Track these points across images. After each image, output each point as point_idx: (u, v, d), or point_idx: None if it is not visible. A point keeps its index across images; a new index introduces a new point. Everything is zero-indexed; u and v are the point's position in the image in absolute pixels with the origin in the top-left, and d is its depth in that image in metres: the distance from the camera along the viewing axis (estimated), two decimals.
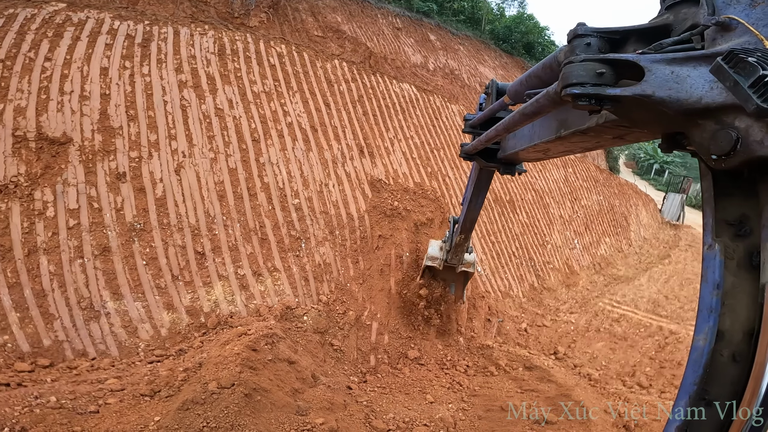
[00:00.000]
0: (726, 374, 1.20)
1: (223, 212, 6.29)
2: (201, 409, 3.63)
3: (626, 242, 16.50)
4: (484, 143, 3.20)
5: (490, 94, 3.32)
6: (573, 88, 1.32)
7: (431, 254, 6.34)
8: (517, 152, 2.87)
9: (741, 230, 1.25)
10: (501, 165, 3.59)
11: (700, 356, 1.21)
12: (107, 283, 5.24)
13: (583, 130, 1.75)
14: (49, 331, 4.89)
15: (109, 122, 5.97)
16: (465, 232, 5.38)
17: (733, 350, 1.20)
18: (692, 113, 1.20)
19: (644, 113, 1.32)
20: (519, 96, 2.27)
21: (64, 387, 3.97)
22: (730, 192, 1.27)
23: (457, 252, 5.99)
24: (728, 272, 1.23)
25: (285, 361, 4.79)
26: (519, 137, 2.81)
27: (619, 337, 9.04)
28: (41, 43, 6.14)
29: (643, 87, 1.24)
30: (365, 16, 14.83)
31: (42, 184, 5.31)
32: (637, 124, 1.45)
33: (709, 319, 1.22)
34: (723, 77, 1.03)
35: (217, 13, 11.34)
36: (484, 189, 4.43)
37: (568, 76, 1.35)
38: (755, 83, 0.94)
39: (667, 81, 1.22)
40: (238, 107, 7.24)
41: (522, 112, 1.86)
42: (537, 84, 1.98)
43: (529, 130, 2.52)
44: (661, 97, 1.21)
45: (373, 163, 8.45)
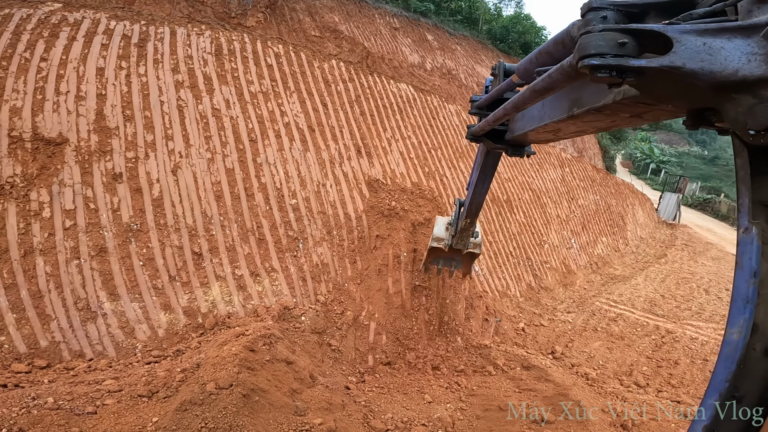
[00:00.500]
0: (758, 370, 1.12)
1: (220, 213, 6.27)
2: (199, 410, 3.62)
3: (623, 242, 16.57)
4: (491, 123, 3.03)
5: (497, 75, 3.20)
6: (592, 59, 1.21)
7: (437, 235, 6.17)
8: (526, 133, 2.74)
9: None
10: (509, 147, 3.44)
11: (734, 351, 1.13)
12: (104, 284, 5.22)
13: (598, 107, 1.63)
14: (46, 332, 4.87)
15: (106, 122, 5.94)
16: (471, 217, 5.24)
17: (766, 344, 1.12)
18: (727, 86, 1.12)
19: (671, 87, 1.22)
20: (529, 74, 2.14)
21: (61, 388, 3.96)
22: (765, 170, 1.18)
23: (463, 237, 5.84)
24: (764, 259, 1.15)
25: (283, 361, 4.79)
26: (528, 118, 2.68)
27: (616, 337, 9.08)
28: (37, 44, 6.11)
29: (671, 58, 1.15)
30: (362, 16, 14.85)
31: (38, 184, 5.29)
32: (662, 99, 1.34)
33: (744, 310, 1.14)
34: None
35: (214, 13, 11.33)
36: (490, 173, 4.29)
37: (586, 46, 1.24)
38: None
39: (698, 53, 1.13)
40: (235, 107, 7.23)
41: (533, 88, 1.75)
42: (548, 61, 1.86)
43: (539, 110, 2.38)
44: (693, 69, 1.13)
45: (371, 163, 8.45)
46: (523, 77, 2.30)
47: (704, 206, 34.10)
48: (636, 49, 1.22)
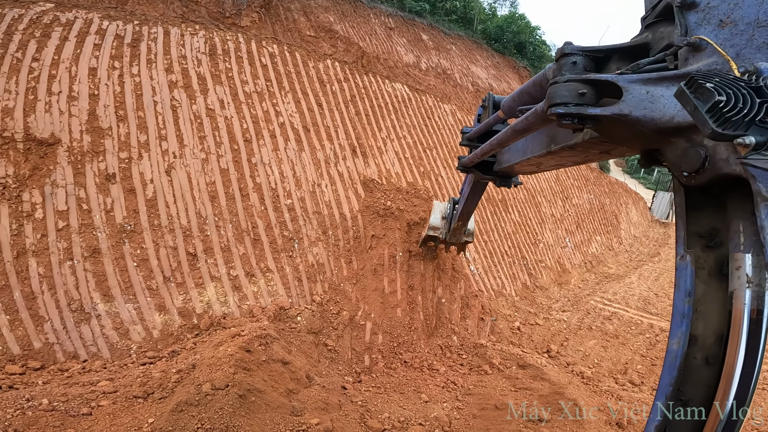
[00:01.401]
0: (700, 376, 1.27)
1: (215, 213, 6.24)
2: (195, 411, 3.60)
3: (617, 240, 16.67)
4: (480, 157, 3.29)
5: (486, 107, 3.40)
6: (557, 107, 1.38)
7: (433, 224, 6.49)
8: (512, 165, 2.97)
9: (711, 242, 1.32)
10: (497, 177, 3.70)
11: (675, 359, 1.28)
12: (97, 285, 5.18)
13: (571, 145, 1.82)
14: (40, 334, 4.83)
15: (98, 123, 5.89)
16: (462, 220, 5.65)
17: (705, 353, 1.27)
18: (665, 132, 1.25)
19: (623, 131, 1.37)
20: (512, 111, 2.37)
21: (56, 389, 3.94)
22: (701, 206, 1.34)
23: (456, 234, 6.25)
24: (700, 281, 1.31)
25: (279, 361, 4.78)
26: (513, 151, 2.90)
27: (610, 335, 9.13)
28: (29, 44, 6.06)
29: (620, 107, 1.29)
30: (358, 16, 14.82)
31: (30, 185, 5.23)
32: (617, 141, 1.50)
33: (681, 324, 1.30)
34: (684, 101, 1.07)
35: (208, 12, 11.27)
36: (479, 194, 4.65)
37: (553, 96, 1.41)
38: (711, 108, 0.97)
39: (642, 101, 1.27)
40: (230, 107, 7.20)
41: (513, 128, 1.93)
42: (528, 100, 2.08)
43: (523, 145, 2.59)
44: (637, 116, 1.27)
45: (366, 163, 8.45)
46: (507, 114, 2.55)
47: None
48: (594, 98, 1.38)
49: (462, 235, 6.36)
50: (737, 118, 0.94)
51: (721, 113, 0.95)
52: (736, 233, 1.22)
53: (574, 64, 1.55)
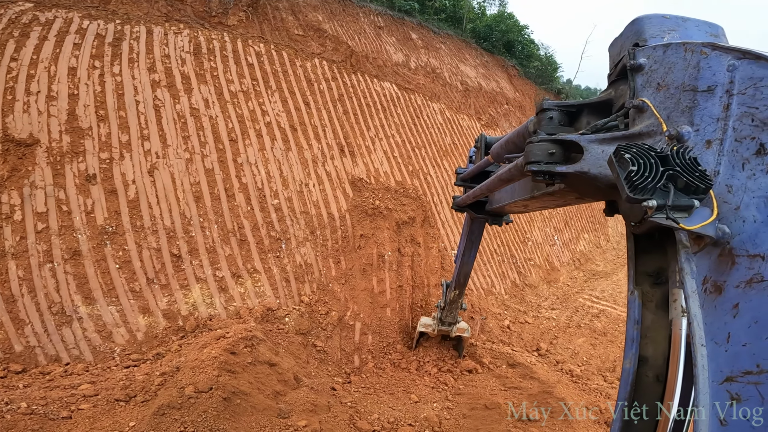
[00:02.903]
0: (652, 392, 1.47)
1: (199, 214, 6.16)
2: (178, 414, 3.55)
3: (604, 238, 16.82)
4: (472, 199, 3.63)
5: (479, 147, 3.68)
6: (532, 165, 1.58)
7: (424, 322, 6.42)
8: (502, 206, 3.19)
9: (658, 280, 1.53)
10: (489, 216, 4.00)
11: (628, 376, 1.47)
12: (78, 288, 5.08)
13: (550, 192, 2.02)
14: (20, 337, 4.73)
15: (78, 123, 5.78)
16: (459, 288, 5.56)
17: (656, 372, 1.47)
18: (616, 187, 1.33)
19: (585, 186, 1.54)
20: (500, 157, 2.68)
21: (35, 393, 3.88)
22: (648, 249, 1.54)
23: (452, 309, 6.03)
24: (648, 312, 1.51)
25: (266, 363, 4.73)
26: (504, 193, 3.16)
27: (599, 333, 9.20)
28: (7, 43, 5.92)
29: (581, 165, 1.46)
30: (347, 15, 14.75)
31: (9, 186, 5.11)
32: (583, 193, 1.67)
33: (632, 347, 1.49)
34: (612, 168, 1.20)
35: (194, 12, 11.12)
36: (476, 241, 4.75)
37: (528, 154, 1.60)
38: (627, 176, 1.10)
39: (598, 159, 1.43)
40: (215, 107, 7.11)
41: (499, 177, 2.21)
42: (513, 149, 2.37)
43: (511, 188, 2.84)
44: (594, 174, 1.42)
45: (354, 162, 8.41)
46: (495, 159, 2.85)
47: None
48: (562, 156, 1.56)
49: (457, 311, 6.17)
50: (644, 185, 1.07)
51: (632, 181, 1.08)
52: (673, 272, 1.44)
53: (551, 119, 1.77)
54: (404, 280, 7.46)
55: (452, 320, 6.25)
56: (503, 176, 2.08)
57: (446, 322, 6.25)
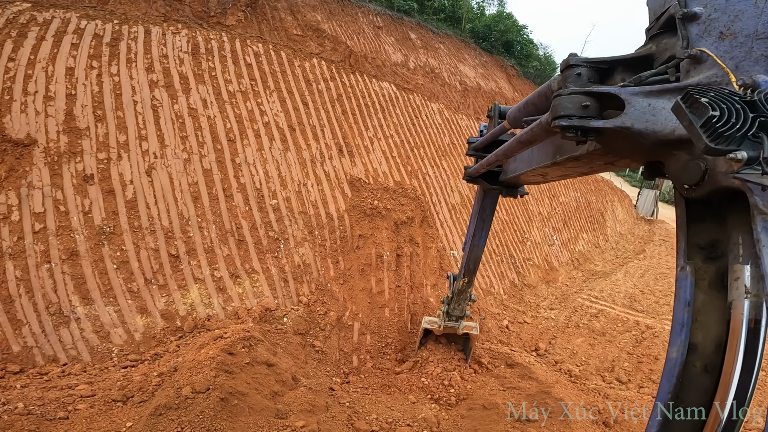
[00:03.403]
0: (699, 384, 1.28)
1: (197, 214, 6.15)
2: (175, 414, 3.54)
3: (603, 238, 16.84)
4: (486, 167, 3.31)
5: (492, 117, 3.43)
6: (561, 120, 1.39)
7: (429, 319, 6.09)
8: (518, 175, 2.97)
9: (712, 253, 1.33)
10: (503, 187, 3.71)
11: (674, 367, 1.30)
12: (76, 288, 5.07)
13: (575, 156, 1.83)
14: (18, 337, 4.72)
15: (76, 123, 5.77)
16: (468, 275, 5.12)
17: (705, 362, 1.29)
18: (667, 144, 1.25)
19: (625, 144, 1.37)
20: (517, 122, 2.39)
21: (32, 393, 3.87)
22: (702, 218, 1.35)
23: (460, 300, 5.58)
24: (700, 291, 1.32)
25: (263, 363, 4.72)
26: (519, 161, 2.90)
27: (597, 333, 9.21)
28: (4, 44, 5.91)
29: (623, 119, 1.29)
30: (345, 15, 14.75)
31: (6, 187, 5.10)
32: (620, 153, 1.51)
33: (681, 333, 1.31)
34: (680, 116, 1.07)
35: (193, 12, 11.11)
36: (488, 219, 4.38)
37: (557, 108, 1.42)
38: (705, 123, 0.97)
39: (644, 113, 1.27)
40: (213, 107, 7.10)
41: (519, 139, 1.94)
42: (533, 111, 2.11)
43: (528, 155, 2.59)
44: (639, 129, 1.27)
45: (353, 163, 8.41)
46: (513, 125, 2.55)
47: None
48: (597, 110, 1.38)
49: (466, 303, 5.67)
50: (730, 133, 0.93)
51: (714, 128, 0.94)
52: (736, 245, 1.23)
53: (578, 75, 1.55)
54: (403, 281, 7.46)
55: (460, 314, 5.79)
56: (524, 138, 1.84)
57: (454, 315, 5.80)
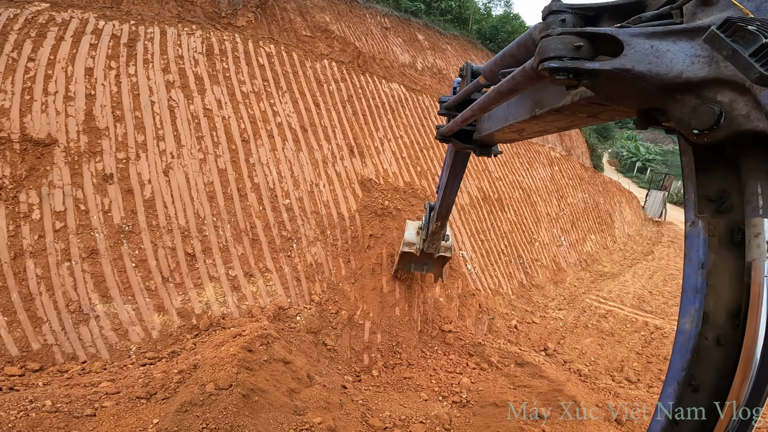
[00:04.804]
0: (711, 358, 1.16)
1: (213, 213, 6.22)
2: (200, 411, 3.60)
3: (611, 239, 16.82)
4: (459, 124, 3.12)
5: (464, 76, 3.30)
6: (551, 61, 1.27)
7: (408, 239, 6.09)
8: (492, 133, 2.82)
9: (722, 206, 1.22)
10: (477, 147, 3.54)
11: (687, 340, 1.17)
12: (96, 286, 5.14)
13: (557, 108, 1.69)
14: (38, 335, 4.79)
15: (95, 123, 5.85)
16: (441, 219, 5.23)
17: (717, 333, 1.15)
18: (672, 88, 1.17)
19: (622, 88, 1.27)
20: (494, 76, 2.17)
21: (58, 391, 3.91)
22: (710, 167, 1.25)
23: (434, 240, 5.78)
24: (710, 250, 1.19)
25: (280, 361, 4.78)
26: (494, 119, 2.77)
27: (606, 333, 9.22)
28: (24, 44, 5.99)
29: (622, 61, 1.20)
30: (353, 16, 14.82)
31: (27, 186, 5.18)
32: (614, 99, 1.39)
33: (695, 300, 1.17)
34: (720, 46, 1.00)
35: (204, 12, 11.21)
36: (460, 173, 4.34)
37: (545, 49, 1.30)
38: (757, 51, 0.91)
39: (646, 55, 1.18)
40: (227, 107, 7.18)
41: (498, 90, 1.78)
42: (512, 63, 1.91)
43: (504, 111, 2.46)
44: (641, 71, 1.18)
45: (363, 163, 8.46)
46: (488, 79, 2.36)
47: None
48: (591, 52, 1.27)
49: (440, 242, 5.91)
50: None
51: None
52: (754, 195, 1.10)
53: (563, 21, 1.43)
54: (413, 280, 7.50)
55: (435, 251, 6.01)
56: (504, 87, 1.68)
57: (429, 252, 6.03)
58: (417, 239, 6.07)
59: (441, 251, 6.10)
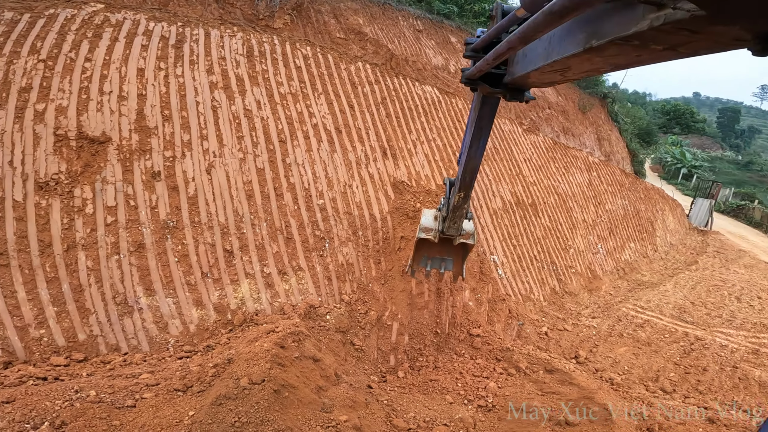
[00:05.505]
0: None
1: (251, 211, 6.42)
2: (233, 404, 3.72)
3: (652, 248, 16.13)
4: (491, 62, 2.59)
5: (494, 16, 2.90)
6: None
7: (425, 225, 5.39)
8: (527, 74, 2.40)
9: None
10: (507, 91, 3.10)
11: None
12: (141, 279, 5.41)
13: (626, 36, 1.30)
14: (85, 326, 5.03)
15: (145, 122, 6.15)
16: (465, 189, 4.50)
17: None
18: None
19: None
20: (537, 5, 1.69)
21: (101, 381, 4.07)
22: None
23: (456, 217, 5.04)
24: None
25: (310, 358, 4.88)
26: (531, 57, 2.32)
27: (642, 343, 8.89)
28: (81, 44, 6.34)
29: None
30: (386, 18, 14.89)
31: (81, 181, 5.51)
32: (730, 18, 1.00)
33: None
34: None
35: (243, 14, 11.56)
36: (486, 128, 3.80)
37: None
38: None
39: None
40: (266, 108, 7.38)
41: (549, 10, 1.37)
42: None
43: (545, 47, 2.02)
44: None
45: (396, 165, 8.49)
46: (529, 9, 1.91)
47: (737, 213, 33.09)
48: None
49: (462, 222, 5.14)
50: None
51: None
52: None
53: None
54: (442, 283, 7.47)
55: (456, 232, 5.22)
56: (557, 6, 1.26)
57: (449, 234, 5.25)
58: (434, 224, 5.42)
59: (462, 237, 5.35)
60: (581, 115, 21.39)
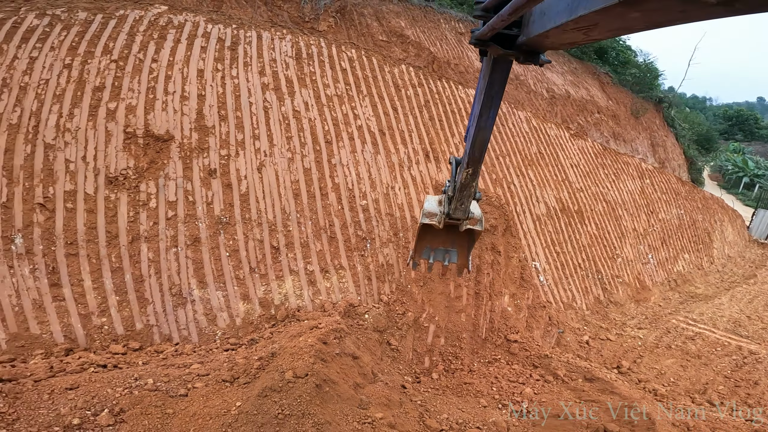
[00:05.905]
0: None
1: (297, 210, 6.66)
2: (277, 397, 3.88)
3: (708, 260, 15.17)
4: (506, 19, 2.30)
5: None
6: None
7: (428, 210, 4.92)
8: (547, 32, 2.13)
9: None
10: (521, 53, 2.82)
11: None
12: (195, 272, 5.73)
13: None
14: (143, 316, 5.28)
15: (204, 122, 6.52)
16: (474, 164, 4.08)
17: None
18: None
19: None
20: None
21: (157, 370, 4.24)
22: None
23: (463, 197, 4.55)
24: None
25: (350, 356, 5.01)
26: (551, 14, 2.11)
27: (692, 355, 8.46)
28: (149, 45, 6.75)
29: None
30: (428, 21, 14.84)
31: (147, 177, 5.93)
32: None
33: None
34: None
35: (290, 17, 11.91)
36: (497, 96, 3.45)
37: None
38: None
39: None
40: (313, 110, 7.60)
41: None
42: None
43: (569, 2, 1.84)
44: None
45: (438, 168, 8.50)
46: None
47: None
48: None
49: (470, 202, 4.65)
50: None
51: None
52: None
53: None
54: (482, 288, 7.42)
55: (463, 215, 4.70)
56: None
57: (455, 218, 4.75)
58: (439, 209, 4.97)
59: (469, 222, 4.86)
60: (633, 120, 20.35)
